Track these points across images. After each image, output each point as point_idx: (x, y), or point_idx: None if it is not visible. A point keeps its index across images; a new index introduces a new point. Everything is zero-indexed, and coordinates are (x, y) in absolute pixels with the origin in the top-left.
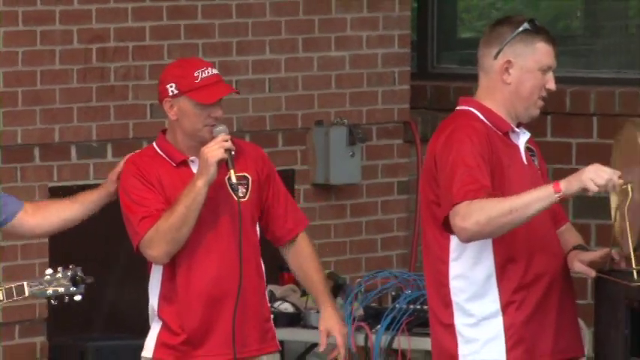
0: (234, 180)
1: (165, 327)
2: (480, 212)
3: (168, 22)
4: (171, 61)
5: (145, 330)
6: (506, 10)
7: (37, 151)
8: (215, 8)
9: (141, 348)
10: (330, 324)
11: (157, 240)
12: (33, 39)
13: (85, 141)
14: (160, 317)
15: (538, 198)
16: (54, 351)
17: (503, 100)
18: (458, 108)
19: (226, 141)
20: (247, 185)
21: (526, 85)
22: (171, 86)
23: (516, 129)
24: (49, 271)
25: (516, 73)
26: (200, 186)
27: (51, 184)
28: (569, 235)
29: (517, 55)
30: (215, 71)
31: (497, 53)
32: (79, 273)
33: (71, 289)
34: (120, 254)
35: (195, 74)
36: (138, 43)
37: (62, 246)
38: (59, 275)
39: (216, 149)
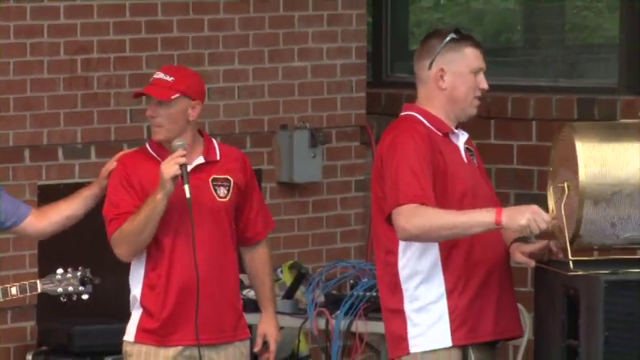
0: (188, 195)
1: (145, 313)
2: (424, 218)
3: (146, 36)
4: (150, 71)
5: (125, 316)
6: (453, 24)
7: (27, 153)
8: (189, 23)
9: (123, 331)
10: (267, 329)
11: (121, 241)
12: (23, 50)
13: (71, 143)
14: (142, 304)
15: (479, 223)
16: (43, 334)
17: (442, 104)
18: (402, 114)
19: (182, 156)
20: (229, 187)
21: (460, 89)
22: None
23: (455, 130)
24: (60, 270)
25: (450, 79)
26: (159, 198)
27: (40, 183)
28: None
29: (448, 62)
30: (160, 76)
31: (431, 64)
32: (88, 274)
33: (80, 288)
34: (104, 248)
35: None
36: (119, 55)
37: (51, 240)
38: (69, 275)
39: (170, 166)
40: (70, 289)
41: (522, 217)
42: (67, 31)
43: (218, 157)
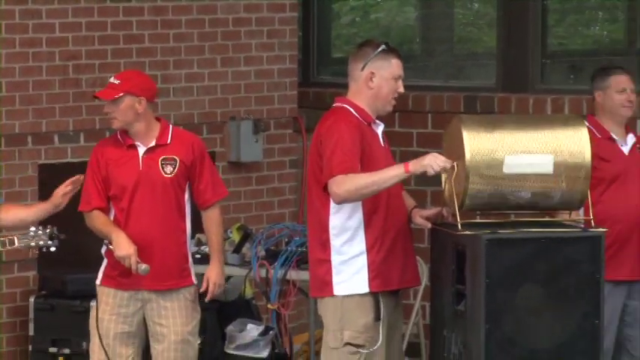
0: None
1: (108, 264)
2: (350, 183)
3: (123, 46)
4: None
5: None
6: (366, 37)
7: (29, 138)
8: (157, 36)
9: None
10: (209, 274)
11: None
12: (26, 57)
13: (65, 131)
14: (105, 256)
15: (393, 176)
16: (42, 281)
17: (367, 100)
18: (335, 105)
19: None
20: (175, 165)
21: (384, 90)
22: None
23: (376, 121)
24: (33, 228)
25: (377, 81)
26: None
27: (40, 162)
28: (405, 197)
29: (378, 68)
30: (111, 80)
31: (364, 67)
32: (55, 231)
33: (48, 242)
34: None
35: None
36: (102, 61)
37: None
38: (40, 232)
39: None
40: (41, 242)
41: (424, 160)
42: (61, 42)
43: (169, 141)
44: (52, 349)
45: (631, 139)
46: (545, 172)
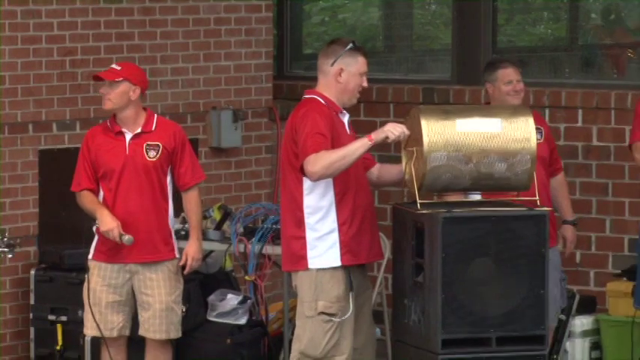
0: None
1: (99, 240)
2: (323, 160)
3: (115, 43)
4: None
5: None
6: (335, 35)
7: (30, 126)
8: (146, 33)
9: None
10: (187, 249)
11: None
12: (27, 53)
13: (62, 119)
14: (96, 233)
15: (359, 146)
16: (42, 255)
17: (336, 92)
18: (306, 96)
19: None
20: (158, 150)
21: (351, 84)
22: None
23: (343, 111)
24: None
25: (345, 76)
26: None
27: (40, 148)
28: (385, 169)
29: (346, 64)
30: (113, 66)
31: (334, 62)
32: (11, 241)
33: (6, 249)
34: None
35: None
36: (96, 56)
37: (55, 188)
38: None
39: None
40: None
41: (384, 128)
42: (59, 39)
43: (153, 128)
44: (51, 317)
45: None
46: (494, 131)
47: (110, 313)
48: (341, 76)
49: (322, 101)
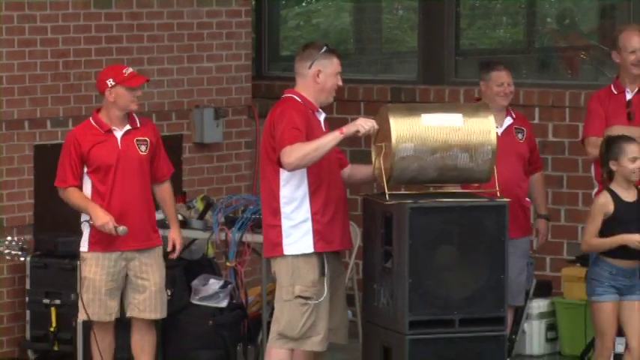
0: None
1: (92, 231)
2: (297, 151)
3: (105, 46)
4: None
5: None
6: (309, 38)
7: (26, 123)
8: (134, 37)
9: None
10: (173, 236)
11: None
12: (23, 55)
13: (56, 117)
14: (89, 227)
15: (331, 139)
16: (37, 243)
17: (313, 92)
18: (284, 95)
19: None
20: (147, 145)
21: (328, 84)
22: (109, 81)
23: (319, 110)
24: (9, 238)
25: (323, 77)
26: None
27: (35, 143)
28: (356, 169)
29: (323, 66)
30: (132, 69)
31: (311, 65)
32: (24, 245)
33: (19, 253)
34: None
35: (123, 72)
36: (87, 58)
37: (49, 181)
38: (13, 243)
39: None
40: (13, 252)
41: (355, 122)
42: (53, 42)
43: (139, 125)
44: (45, 300)
45: (508, 121)
46: (457, 125)
47: (109, 299)
48: (319, 77)
49: (299, 100)
